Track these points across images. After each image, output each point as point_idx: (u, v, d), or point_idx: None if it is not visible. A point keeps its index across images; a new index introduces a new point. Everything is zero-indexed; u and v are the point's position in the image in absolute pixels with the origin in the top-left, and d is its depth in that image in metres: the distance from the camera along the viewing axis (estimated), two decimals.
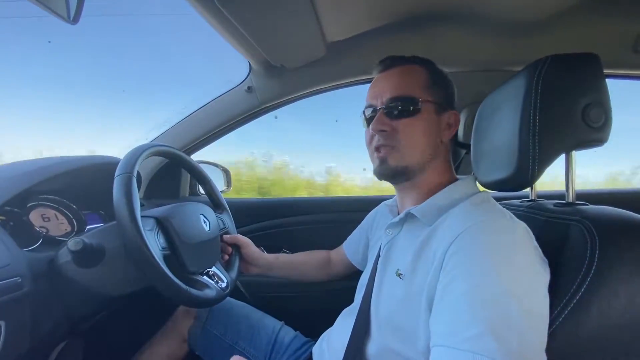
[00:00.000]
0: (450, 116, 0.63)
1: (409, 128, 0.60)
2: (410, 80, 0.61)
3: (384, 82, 0.63)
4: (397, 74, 0.63)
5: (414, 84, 0.61)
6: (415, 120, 0.60)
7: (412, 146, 0.60)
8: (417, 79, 0.62)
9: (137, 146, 0.70)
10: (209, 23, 0.80)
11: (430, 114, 0.61)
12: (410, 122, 0.60)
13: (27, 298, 0.57)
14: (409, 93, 0.60)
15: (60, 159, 0.80)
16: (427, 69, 0.63)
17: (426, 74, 0.62)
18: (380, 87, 0.63)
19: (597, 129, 0.52)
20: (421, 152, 0.61)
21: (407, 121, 0.60)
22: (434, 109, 0.61)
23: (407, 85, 0.61)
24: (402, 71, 0.63)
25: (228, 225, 0.93)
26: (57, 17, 0.55)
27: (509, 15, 0.86)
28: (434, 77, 0.63)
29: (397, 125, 0.60)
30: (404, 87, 0.61)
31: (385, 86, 0.62)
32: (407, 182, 0.64)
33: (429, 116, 0.61)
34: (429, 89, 0.61)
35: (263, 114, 1.18)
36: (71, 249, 0.58)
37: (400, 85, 0.61)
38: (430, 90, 0.61)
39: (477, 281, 0.43)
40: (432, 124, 0.61)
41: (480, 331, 0.40)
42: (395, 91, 0.61)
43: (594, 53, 0.53)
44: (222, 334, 0.86)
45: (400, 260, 0.58)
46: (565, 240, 0.49)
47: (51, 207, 0.79)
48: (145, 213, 0.69)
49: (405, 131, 0.60)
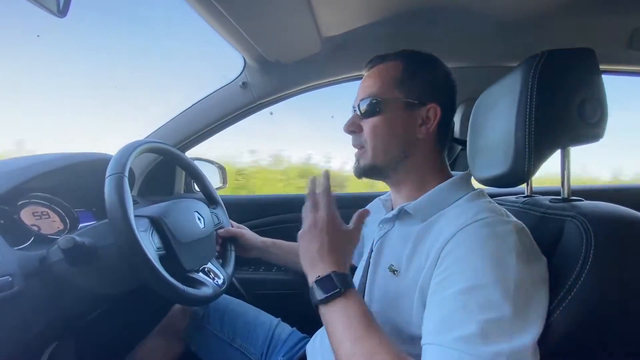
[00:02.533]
0: (429, 110, 0.60)
1: (371, 128, 0.61)
2: (381, 78, 0.62)
3: (362, 83, 0.65)
4: (371, 74, 0.64)
5: (384, 82, 0.61)
6: (378, 120, 0.61)
7: (376, 145, 0.61)
8: (389, 76, 0.62)
9: (128, 143, 0.69)
10: (202, 18, 0.79)
11: (397, 112, 0.60)
12: (373, 122, 0.61)
13: (18, 297, 0.56)
14: (373, 94, 0.61)
15: (52, 156, 0.79)
16: (405, 63, 0.62)
17: (402, 68, 0.61)
18: (360, 88, 0.66)
19: (593, 124, 0.52)
20: (386, 151, 0.61)
21: (371, 121, 0.61)
22: (402, 106, 0.60)
23: (376, 84, 0.62)
24: (376, 71, 0.64)
25: (222, 220, 0.92)
26: (46, 10, 0.54)
27: (505, 11, 0.85)
28: (410, 69, 0.61)
29: (364, 125, 0.62)
30: (372, 86, 0.62)
31: (361, 87, 0.65)
32: (387, 180, 0.66)
33: (395, 114, 0.60)
34: (400, 84, 0.61)
35: (258, 109, 1.17)
36: (62, 248, 0.57)
37: (370, 85, 0.63)
38: (402, 85, 0.60)
39: (473, 281, 0.43)
40: (398, 122, 0.60)
41: (472, 332, 0.39)
42: (365, 91, 0.63)
43: (590, 48, 0.52)
44: (219, 331, 0.86)
45: (393, 256, 0.58)
46: (560, 236, 0.49)
47: (43, 204, 0.78)
48: (138, 212, 0.68)
49: (368, 131, 0.62)
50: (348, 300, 0.49)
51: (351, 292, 0.50)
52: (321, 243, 0.54)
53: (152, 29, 18.21)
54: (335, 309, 0.48)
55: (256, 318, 0.89)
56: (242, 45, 0.92)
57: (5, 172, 0.69)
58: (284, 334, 0.86)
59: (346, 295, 0.49)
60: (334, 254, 0.54)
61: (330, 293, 0.49)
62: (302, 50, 0.98)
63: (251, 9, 0.75)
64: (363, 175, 0.65)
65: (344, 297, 0.49)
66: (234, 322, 0.87)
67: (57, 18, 0.55)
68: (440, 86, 0.63)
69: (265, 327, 0.87)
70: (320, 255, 0.53)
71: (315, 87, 1.14)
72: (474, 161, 0.68)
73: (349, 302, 0.48)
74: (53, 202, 0.79)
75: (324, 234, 0.55)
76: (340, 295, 0.49)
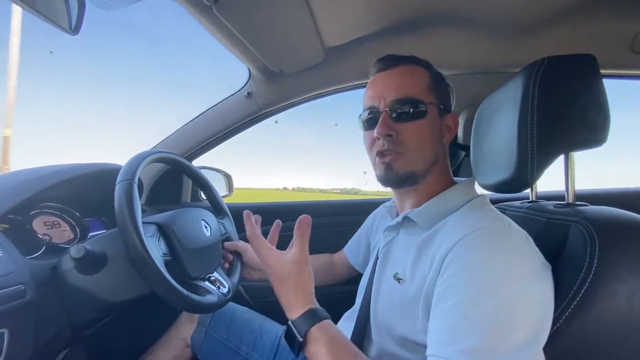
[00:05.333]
0: (450, 119, 0.62)
1: (416, 132, 0.57)
2: (414, 80, 0.59)
3: (386, 82, 0.60)
4: (399, 73, 0.60)
5: (418, 85, 0.59)
6: (422, 123, 0.57)
7: (419, 151, 0.58)
8: (420, 80, 0.60)
9: (139, 153, 0.70)
10: (208, 31, 0.81)
11: (435, 117, 0.59)
12: (417, 125, 0.57)
13: (30, 305, 0.57)
14: (415, 94, 0.57)
15: (62, 167, 0.81)
16: (428, 70, 0.62)
17: (428, 75, 0.61)
18: (381, 87, 0.60)
19: (595, 129, 0.52)
20: (428, 157, 0.59)
21: (414, 124, 0.57)
22: (437, 111, 0.60)
23: (412, 85, 0.58)
24: (404, 71, 0.60)
25: (229, 230, 0.93)
26: (59, 28, 0.56)
27: (507, 18, 0.86)
28: (434, 78, 0.62)
29: (403, 128, 0.57)
30: (408, 87, 0.58)
31: (388, 86, 0.59)
32: (411, 187, 0.62)
33: (434, 119, 0.59)
34: (431, 91, 0.59)
35: (263, 119, 1.19)
36: (73, 256, 0.58)
37: (405, 85, 0.58)
38: (432, 91, 0.59)
39: (474, 291, 0.42)
40: (436, 127, 0.60)
41: (475, 343, 0.39)
42: (400, 92, 0.57)
43: (590, 54, 0.53)
44: (225, 339, 0.86)
45: (398, 264, 0.58)
46: (565, 241, 0.49)
47: (54, 214, 0.80)
48: (146, 219, 0.69)
49: (412, 135, 0.57)
50: (318, 336, 0.48)
51: (317, 329, 0.49)
52: (295, 285, 0.53)
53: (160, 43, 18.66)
54: (309, 348, 0.49)
55: (262, 326, 0.89)
56: (247, 57, 0.94)
57: (18, 184, 0.71)
58: None
59: (314, 331, 0.49)
60: (296, 294, 0.53)
61: (298, 337, 0.49)
62: (306, 60, 1.00)
63: (255, 22, 0.77)
64: (396, 182, 0.60)
65: (312, 333, 0.49)
66: (240, 330, 0.87)
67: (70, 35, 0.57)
68: (451, 98, 0.66)
69: (272, 335, 0.87)
70: (293, 295, 0.53)
71: (319, 96, 1.16)
72: (477, 167, 0.68)
73: (320, 335, 0.48)
74: (64, 212, 0.81)
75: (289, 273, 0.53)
76: (309, 332, 0.49)
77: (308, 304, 0.51)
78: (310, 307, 0.51)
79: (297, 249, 0.54)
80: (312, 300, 0.52)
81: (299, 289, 0.52)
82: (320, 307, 0.52)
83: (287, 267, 0.53)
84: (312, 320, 0.49)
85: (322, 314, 0.51)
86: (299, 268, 0.53)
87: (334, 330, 0.50)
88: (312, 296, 0.53)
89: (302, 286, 0.53)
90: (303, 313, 0.50)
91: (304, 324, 0.49)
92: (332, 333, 0.49)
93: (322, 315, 0.50)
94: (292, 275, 0.53)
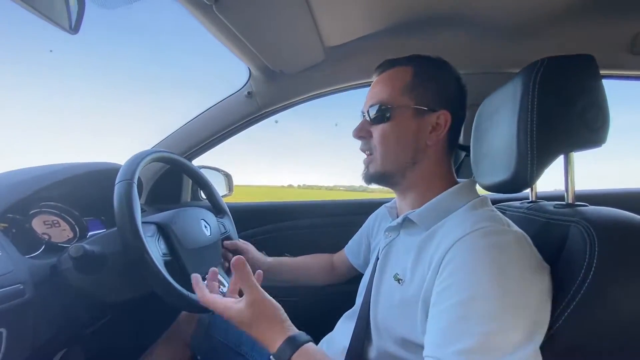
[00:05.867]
0: (439, 117, 0.60)
1: (381, 135, 0.61)
2: (392, 84, 0.62)
3: (372, 88, 0.65)
4: (382, 78, 0.64)
5: (394, 88, 0.61)
6: (387, 126, 0.60)
7: (385, 152, 0.61)
8: (399, 82, 0.61)
9: (138, 153, 0.70)
10: (208, 30, 0.81)
11: (407, 119, 0.60)
12: (383, 128, 0.61)
13: (29, 305, 0.57)
14: (384, 99, 0.61)
15: (62, 166, 0.81)
16: (416, 68, 0.61)
17: (412, 74, 0.61)
18: (369, 93, 0.65)
19: (595, 130, 0.52)
20: (396, 158, 0.61)
21: (380, 128, 0.61)
22: (412, 112, 0.60)
23: (386, 90, 0.61)
24: (388, 75, 0.63)
25: (229, 230, 0.93)
26: (58, 27, 0.56)
27: (507, 18, 0.86)
28: (421, 76, 0.61)
29: (373, 131, 0.62)
30: (382, 92, 0.62)
31: (370, 93, 0.65)
32: (395, 187, 0.65)
33: (405, 121, 0.60)
34: (410, 91, 0.60)
35: (263, 118, 1.19)
36: (72, 256, 0.58)
37: (380, 90, 0.62)
38: (411, 91, 0.60)
39: (471, 292, 0.42)
40: (408, 129, 0.60)
41: (472, 345, 0.39)
42: (374, 97, 0.62)
43: (589, 54, 0.53)
44: (225, 338, 0.86)
45: (398, 265, 0.58)
46: (564, 242, 0.49)
47: (53, 213, 0.79)
48: (146, 219, 0.69)
49: (377, 138, 0.61)
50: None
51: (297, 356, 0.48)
52: (256, 322, 0.52)
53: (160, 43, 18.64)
54: None
55: None
56: (247, 56, 0.94)
57: (18, 182, 0.71)
58: None
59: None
60: (268, 329, 0.52)
61: None
62: (306, 60, 1.00)
63: (255, 21, 0.77)
64: (372, 182, 0.65)
65: None
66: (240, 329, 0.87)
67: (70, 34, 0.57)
68: (450, 92, 0.62)
69: None
70: (263, 333, 0.52)
71: (320, 96, 1.16)
72: (477, 167, 0.68)
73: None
74: (63, 211, 0.81)
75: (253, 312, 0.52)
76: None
77: (284, 334, 0.50)
78: (287, 336, 0.50)
79: (247, 291, 0.53)
80: (287, 328, 0.52)
81: (270, 325, 0.52)
82: (299, 331, 0.52)
83: (246, 313, 0.52)
84: (291, 350, 0.48)
85: (300, 339, 0.50)
86: (259, 307, 0.52)
87: (313, 352, 0.49)
88: (285, 323, 0.52)
89: (271, 321, 0.52)
90: (281, 344, 0.49)
91: (283, 355, 0.48)
92: (312, 356, 0.49)
93: (300, 341, 0.49)
94: (256, 317, 0.52)
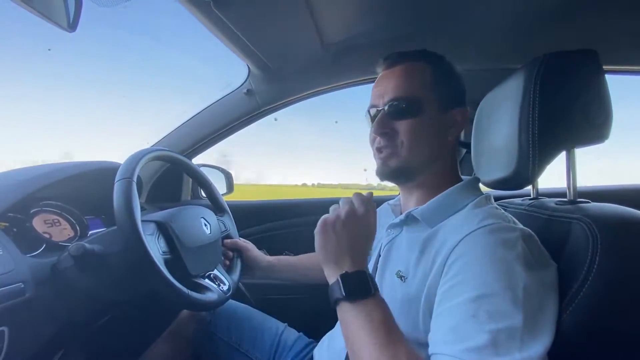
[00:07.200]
0: (457, 114, 0.61)
1: (409, 130, 0.58)
2: (413, 78, 0.60)
3: (387, 81, 0.61)
4: (400, 72, 0.61)
5: (416, 83, 0.59)
6: (417, 121, 0.58)
7: (414, 148, 0.59)
8: (420, 77, 0.60)
9: (137, 151, 0.70)
10: (206, 28, 0.80)
11: (434, 114, 0.59)
12: (412, 123, 0.58)
13: (30, 304, 0.57)
14: (411, 93, 0.58)
15: (62, 165, 0.80)
16: (433, 65, 0.61)
17: (431, 71, 0.60)
18: (383, 86, 0.62)
19: (597, 125, 0.52)
20: (423, 154, 0.60)
21: (408, 122, 0.58)
22: (438, 107, 0.59)
23: (409, 84, 0.59)
24: (405, 69, 0.61)
25: (229, 228, 0.93)
26: (56, 25, 0.55)
27: (507, 13, 0.85)
28: (439, 73, 0.61)
29: (398, 126, 0.59)
30: (405, 86, 0.59)
31: (388, 85, 0.61)
32: (408, 183, 0.63)
33: (432, 116, 0.59)
34: (433, 87, 0.59)
35: (263, 116, 1.18)
36: (73, 255, 0.58)
37: (402, 84, 0.59)
38: (434, 88, 0.59)
39: (481, 290, 0.42)
40: (435, 124, 0.59)
41: (483, 342, 0.39)
42: (397, 91, 0.59)
43: (593, 49, 0.52)
44: (226, 336, 0.86)
45: (401, 262, 0.58)
46: (566, 239, 0.49)
47: (54, 212, 0.80)
48: (145, 217, 0.69)
49: (406, 133, 0.58)
50: (377, 304, 0.46)
51: (379, 296, 0.47)
52: (356, 237, 0.50)
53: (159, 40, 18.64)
54: (361, 310, 0.45)
55: (263, 323, 0.89)
56: (246, 54, 0.94)
57: (19, 182, 0.70)
58: (291, 339, 0.86)
59: (375, 297, 0.47)
60: (364, 253, 0.51)
61: (360, 292, 0.46)
62: (305, 57, 0.99)
63: (254, 19, 0.77)
64: (390, 177, 0.62)
65: (372, 299, 0.46)
66: (241, 327, 0.87)
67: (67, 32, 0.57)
68: (463, 89, 0.63)
69: (272, 333, 0.87)
70: (351, 250, 0.49)
71: (319, 93, 1.16)
72: (478, 164, 0.68)
73: (377, 306, 0.46)
74: (64, 210, 0.81)
75: (361, 229, 0.51)
76: (371, 296, 0.46)
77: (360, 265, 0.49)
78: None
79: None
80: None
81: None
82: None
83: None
84: (377, 286, 0.47)
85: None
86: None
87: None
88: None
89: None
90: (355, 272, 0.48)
91: (374, 282, 0.48)
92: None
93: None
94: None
